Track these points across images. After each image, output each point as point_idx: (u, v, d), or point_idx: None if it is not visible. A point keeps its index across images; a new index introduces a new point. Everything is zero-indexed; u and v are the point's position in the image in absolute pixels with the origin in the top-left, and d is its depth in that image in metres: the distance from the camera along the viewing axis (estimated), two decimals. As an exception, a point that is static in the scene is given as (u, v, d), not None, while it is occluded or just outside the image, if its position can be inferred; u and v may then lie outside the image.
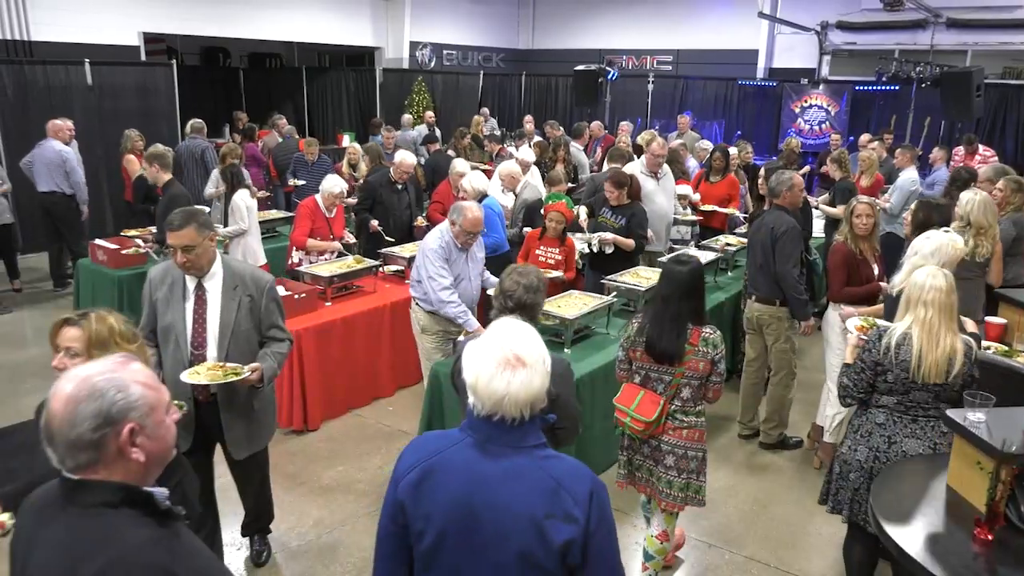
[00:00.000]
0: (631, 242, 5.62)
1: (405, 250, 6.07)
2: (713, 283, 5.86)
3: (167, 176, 6.13)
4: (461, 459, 1.75)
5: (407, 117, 12.65)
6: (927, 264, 3.57)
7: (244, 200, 6.20)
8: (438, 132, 12.03)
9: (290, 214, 7.58)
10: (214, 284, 3.21)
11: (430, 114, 12.72)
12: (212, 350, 3.20)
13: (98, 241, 6.50)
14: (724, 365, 3.32)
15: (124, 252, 6.26)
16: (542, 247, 5.37)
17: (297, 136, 10.61)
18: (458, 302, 4.52)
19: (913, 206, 4.69)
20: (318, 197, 6.02)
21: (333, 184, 6.07)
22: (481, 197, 5.74)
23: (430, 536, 1.73)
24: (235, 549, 3.89)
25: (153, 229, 6.46)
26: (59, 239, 7.75)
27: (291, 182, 8.52)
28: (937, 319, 2.99)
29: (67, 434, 1.40)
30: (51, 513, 1.48)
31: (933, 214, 4.38)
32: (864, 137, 9.86)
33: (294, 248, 6.03)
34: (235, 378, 3.06)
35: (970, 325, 3.51)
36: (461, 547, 1.72)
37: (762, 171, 5.88)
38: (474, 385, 1.71)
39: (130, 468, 1.46)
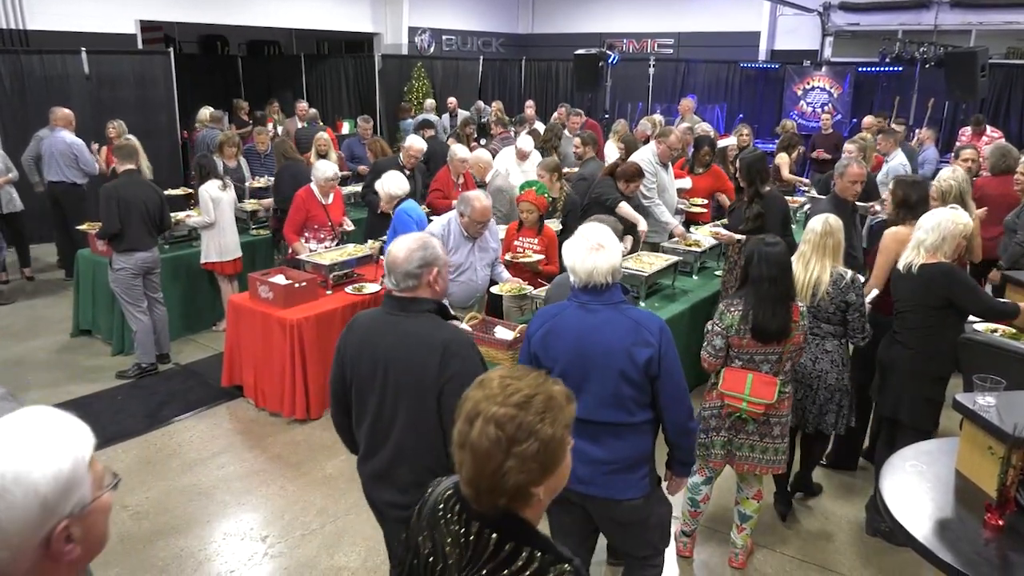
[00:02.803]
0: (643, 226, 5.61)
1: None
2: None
3: (124, 166, 5.61)
4: (572, 317, 2.57)
5: (430, 102, 12.50)
6: (929, 238, 3.57)
7: (210, 192, 6.08)
8: (464, 114, 11.81)
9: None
10: None
11: (452, 100, 12.47)
12: None
13: (94, 233, 6.46)
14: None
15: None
16: (520, 238, 5.16)
17: (321, 122, 10.41)
18: None
19: (891, 186, 4.50)
20: (312, 185, 5.84)
21: (325, 169, 5.83)
22: (397, 201, 5.38)
23: (557, 370, 2.52)
24: (239, 540, 3.88)
25: None
26: (67, 229, 7.70)
27: (254, 182, 7.89)
28: (810, 252, 3.70)
29: (405, 267, 2.38)
30: (388, 318, 2.45)
31: (911, 192, 4.23)
32: (867, 119, 9.75)
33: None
34: None
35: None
36: (579, 374, 2.52)
37: (737, 162, 5.60)
38: (572, 266, 2.55)
39: (434, 292, 2.46)
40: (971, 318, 3.86)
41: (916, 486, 2.67)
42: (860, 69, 12.67)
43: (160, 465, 4.55)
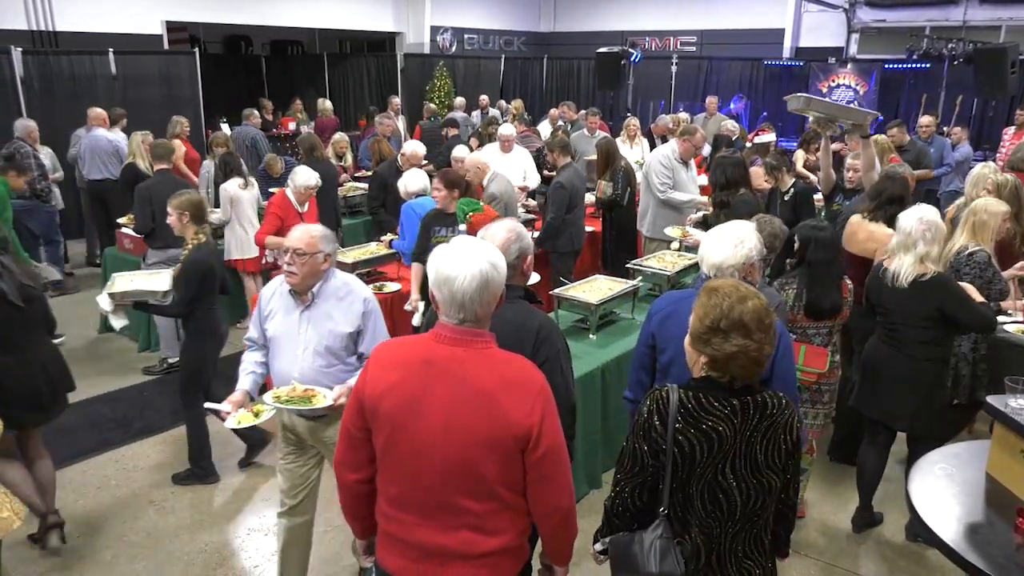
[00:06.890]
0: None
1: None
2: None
3: (159, 165, 6.02)
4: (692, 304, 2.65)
5: (460, 100, 12.55)
6: (932, 250, 3.47)
7: (229, 190, 6.17)
8: (494, 113, 11.83)
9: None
10: None
11: (484, 98, 12.54)
12: None
13: (124, 229, 6.55)
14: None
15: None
16: None
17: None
18: (245, 360, 3.26)
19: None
20: (288, 191, 5.75)
21: (307, 177, 5.67)
22: (414, 196, 5.35)
23: (669, 352, 2.65)
24: (262, 535, 3.91)
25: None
26: (109, 226, 7.78)
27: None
28: (960, 223, 4.07)
29: (506, 258, 2.41)
30: None
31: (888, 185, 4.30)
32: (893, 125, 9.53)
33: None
34: None
35: None
36: None
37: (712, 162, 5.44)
38: (703, 257, 2.73)
39: (524, 279, 2.68)
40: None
41: (945, 489, 2.63)
42: (886, 66, 12.50)
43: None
